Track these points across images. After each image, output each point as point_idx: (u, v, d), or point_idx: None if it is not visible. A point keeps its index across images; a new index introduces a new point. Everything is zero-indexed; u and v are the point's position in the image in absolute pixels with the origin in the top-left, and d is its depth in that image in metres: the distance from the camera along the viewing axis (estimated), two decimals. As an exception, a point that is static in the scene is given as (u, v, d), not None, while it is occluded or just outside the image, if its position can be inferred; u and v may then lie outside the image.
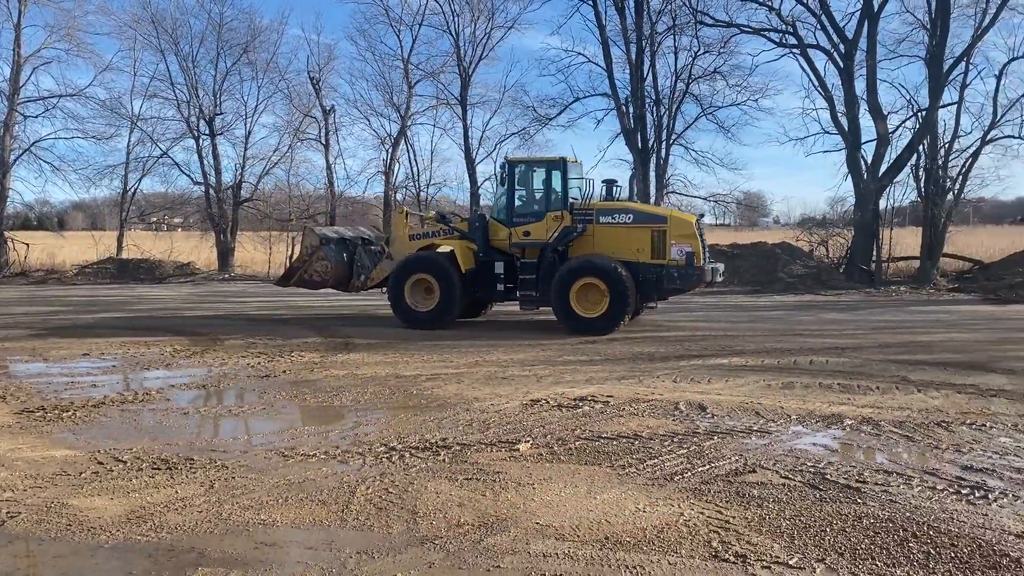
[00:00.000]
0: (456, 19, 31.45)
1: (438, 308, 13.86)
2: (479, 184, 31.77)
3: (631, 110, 28.35)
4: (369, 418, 7.27)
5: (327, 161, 32.34)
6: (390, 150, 32.35)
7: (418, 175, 32.71)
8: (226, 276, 30.08)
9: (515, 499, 4.97)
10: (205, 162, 32.18)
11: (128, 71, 32.57)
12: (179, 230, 42.37)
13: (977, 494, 5.03)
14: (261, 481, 5.35)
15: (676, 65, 28.97)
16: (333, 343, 12.26)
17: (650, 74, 28.55)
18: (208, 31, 32.18)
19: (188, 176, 32.88)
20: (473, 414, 7.33)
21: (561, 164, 14.11)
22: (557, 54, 35.15)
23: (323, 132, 32.48)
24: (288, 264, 17.84)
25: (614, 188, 14.49)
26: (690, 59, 28.58)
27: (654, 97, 28.75)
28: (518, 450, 6.08)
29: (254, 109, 33.11)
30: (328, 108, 32.58)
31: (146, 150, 32.66)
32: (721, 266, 14.96)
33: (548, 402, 7.81)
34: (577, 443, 6.28)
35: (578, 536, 4.37)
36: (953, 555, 4.10)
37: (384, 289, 14.91)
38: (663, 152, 29.14)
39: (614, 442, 6.30)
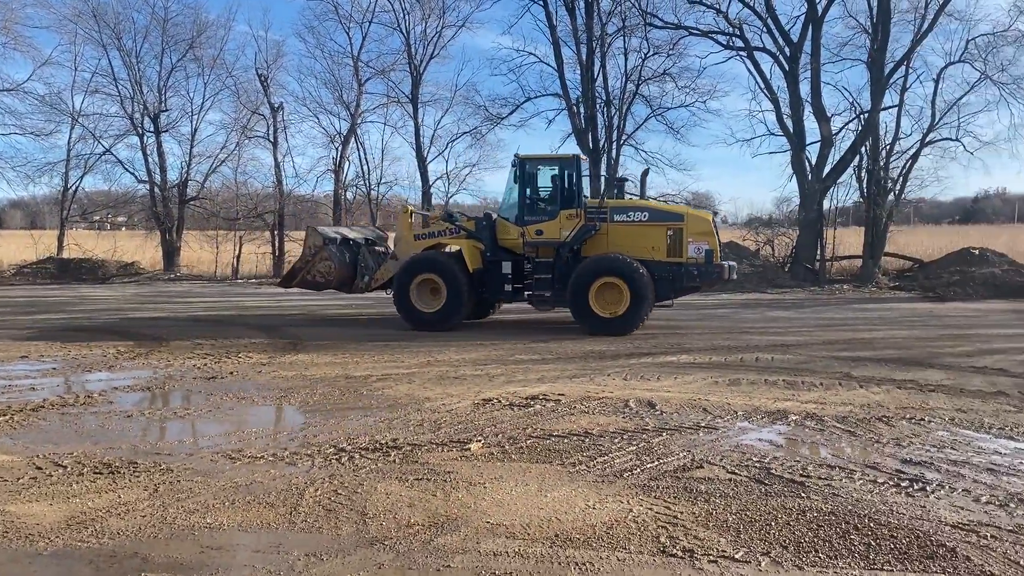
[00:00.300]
0: (407, 17, 31.32)
1: (445, 309, 13.56)
2: (431, 183, 31.68)
3: (582, 110, 28.53)
4: (318, 419, 7.19)
5: (275, 159, 31.89)
6: (340, 148, 32.04)
7: (368, 173, 32.46)
8: (172, 276, 29.47)
9: (466, 498, 4.97)
10: (150, 160, 31.51)
11: (68, 66, 31.67)
12: (123, 229, 41.41)
13: (916, 486, 5.18)
14: (207, 484, 5.26)
15: (626, 66, 29.25)
16: (281, 344, 12.10)
17: (600, 75, 28.78)
18: (152, 26, 31.51)
19: (132, 174, 32.17)
20: (424, 414, 7.30)
21: (575, 161, 14.04)
22: (508, 54, 35.36)
23: (271, 130, 32.00)
24: (288, 265, 17.16)
25: (625, 186, 14.55)
26: (640, 60, 28.87)
27: (605, 98, 28.97)
28: (469, 450, 6.08)
29: (200, 106, 32.52)
30: (276, 105, 32.13)
31: (88, 147, 31.83)
32: (735, 264, 15.07)
33: (500, 401, 7.82)
34: (528, 442, 6.30)
35: (528, 534, 4.38)
36: (893, 546, 4.21)
37: (389, 290, 14.71)
38: (614, 152, 29.38)
39: (565, 440, 6.34)
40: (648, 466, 5.63)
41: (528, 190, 13.97)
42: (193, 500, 4.95)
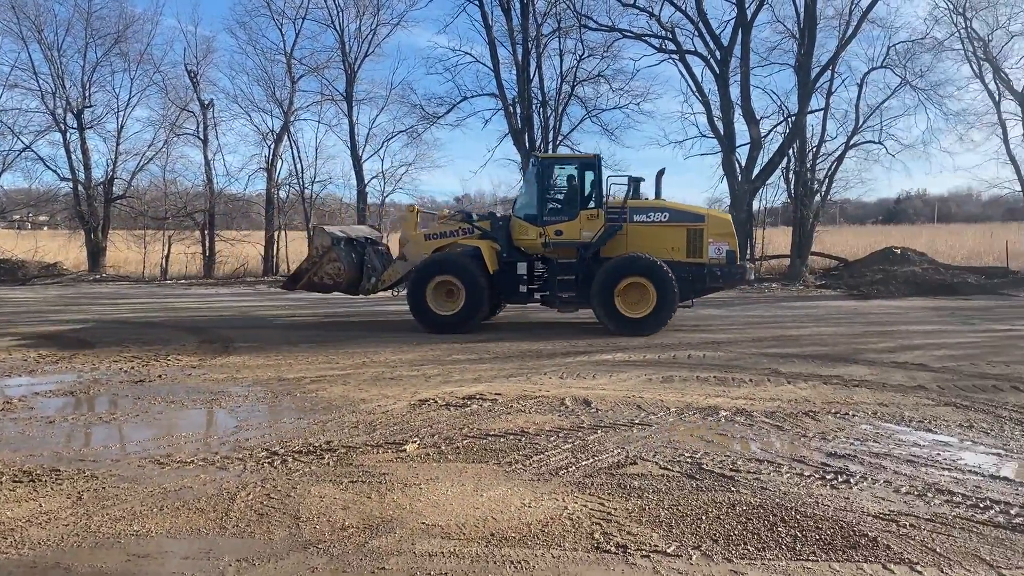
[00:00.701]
0: (341, 14, 30.97)
1: (464, 311, 13.24)
2: (366, 182, 31.37)
3: (518, 111, 28.64)
4: (250, 422, 7.06)
5: (206, 157, 31.20)
6: (272, 146, 31.47)
7: (302, 172, 31.93)
8: (97, 277, 28.55)
9: (401, 500, 4.95)
10: (73, 157, 30.46)
11: (-16, 59, 30.42)
12: (45, 229, 39.95)
13: (840, 479, 5.35)
14: (134, 490, 5.12)
15: (562, 67, 29.51)
16: (212, 346, 11.84)
17: (537, 75, 28.95)
18: (75, 19, 30.51)
19: (54, 171, 31.07)
20: (359, 416, 7.24)
21: (595, 161, 13.92)
22: (444, 53, 35.30)
23: (201, 127, 31.29)
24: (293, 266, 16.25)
25: (640, 186, 14.38)
26: (575, 62, 29.16)
27: (541, 98, 29.15)
28: (405, 451, 6.05)
29: (127, 102, 31.57)
30: (207, 102, 31.42)
31: (6, 143, 30.58)
32: (752, 265, 15.13)
33: (436, 401, 7.79)
34: (465, 442, 6.30)
35: (464, 534, 4.39)
36: (818, 537, 4.34)
37: (395, 292, 14.45)
38: (550, 152, 29.57)
39: (502, 439, 6.36)
40: (583, 463, 5.69)
41: (548, 190, 13.76)
42: (119, 507, 4.81)
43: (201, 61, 31.70)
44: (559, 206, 13.78)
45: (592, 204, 13.62)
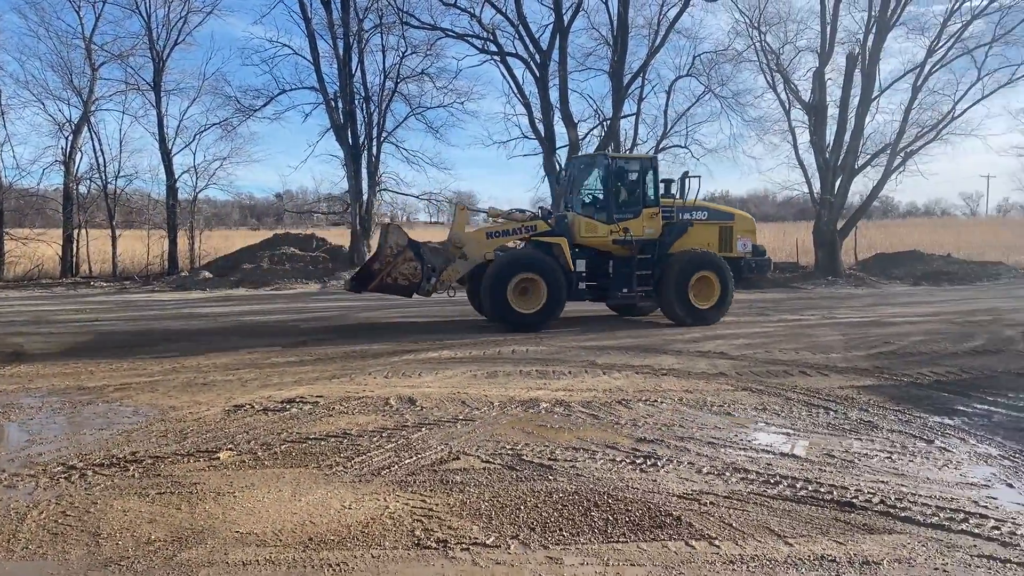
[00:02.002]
0: (147, -1, 29.01)
1: (546, 308, 13.36)
2: (176, 177, 29.59)
3: (340, 105, 28.10)
4: (44, 436, 6.48)
5: (-9, 149, 28.26)
6: (70, 138, 28.98)
7: (105, 166, 29.60)
8: None
9: (214, 509, 4.73)
10: None
11: None
12: None
13: (648, 462, 5.66)
14: (-100, 519, 4.57)
15: (384, 63, 29.23)
16: (1, 354, 10.77)
17: (359, 71, 28.55)
18: None
19: None
20: (168, 424, 6.84)
21: (654, 161, 14.59)
22: (261, 44, 34.08)
23: (-16, 114, 28.31)
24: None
25: (672, 186, 14.79)
26: (398, 59, 28.99)
27: (364, 94, 28.77)
28: (218, 459, 5.78)
29: None
30: (-9, 87, 28.48)
31: None
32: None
33: (253, 406, 7.50)
34: (283, 446, 6.11)
35: (281, 540, 4.26)
36: (628, 519, 4.58)
37: (451, 292, 14.33)
38: (374, 149, 29.28)
39: (322, 442, 6.22)
40: (406, 462, 5.68)
41: (619, 189, 14.27)
42: None
43: (-18, 41, 28.70)
44: (625, 204, 14.34)
45: (653, 202, 14.32)
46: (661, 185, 14.56)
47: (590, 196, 15.04)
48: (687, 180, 14.63)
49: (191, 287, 24.39)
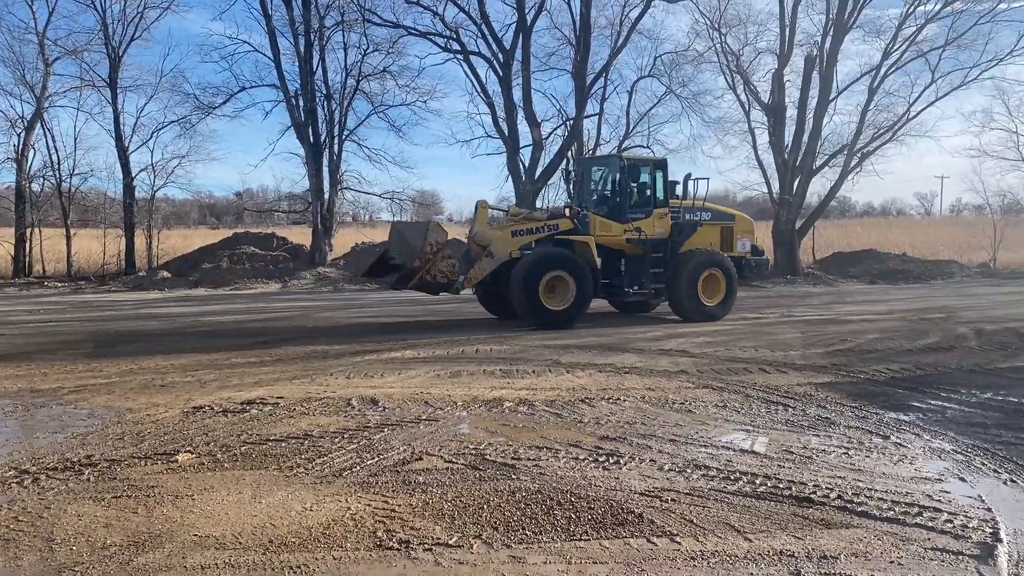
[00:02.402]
0: (103, -7, 28.41)
1: (575, 306, 13.57)
2: (133, 175, 29.06)
3: (301, 103, 27.82)
4: (-5, 441, 6.33)
5: (-62, 145, 27.51)
6: (23, 135, 28.31)
7: (59, 163, 28.95)
8: None
9: (171, 513, 4.65)
10: None
11: None
12: None
13: (611, 460, 5.69)
14: None
15: (346, 61, 28.99)
16: (-51, 357, 10.50)
17: (320, 68, 28.28)
18: None
19: None
20: (125, 426, 6.71)
21: (664, 164, 14.96)
22: (221, 40, 33.16)
23: (-69, 110, 27.55)
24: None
25: (677, 187, 15.00)
26: (360, 56, 28.77)
27: (325, 92, 28.50)
28: (176, 461, 5.69)
29: None
30: (-62, 82, 27.71)
31: None
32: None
33: (212, 408, 7.39)
34: (243, 448, 6.03)
35: (240, 543, 4.20)
36: (590, 517, 4.59)
37: (474, 290, 14.31)
38: (336, 147, 29.02)
39: (283, 444, 6.15)
40: (368, 463, 5.64)
41: (631, 189, 14.50)
42: None
43: (-70, 35, 27.93)
44: (638, 204, 14.60)
45: (663, 203, 14.66)
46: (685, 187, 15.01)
47: (601, 196, 15.31)
48: (693, 182, 15.02)
49: (149, 287, 23.99)
